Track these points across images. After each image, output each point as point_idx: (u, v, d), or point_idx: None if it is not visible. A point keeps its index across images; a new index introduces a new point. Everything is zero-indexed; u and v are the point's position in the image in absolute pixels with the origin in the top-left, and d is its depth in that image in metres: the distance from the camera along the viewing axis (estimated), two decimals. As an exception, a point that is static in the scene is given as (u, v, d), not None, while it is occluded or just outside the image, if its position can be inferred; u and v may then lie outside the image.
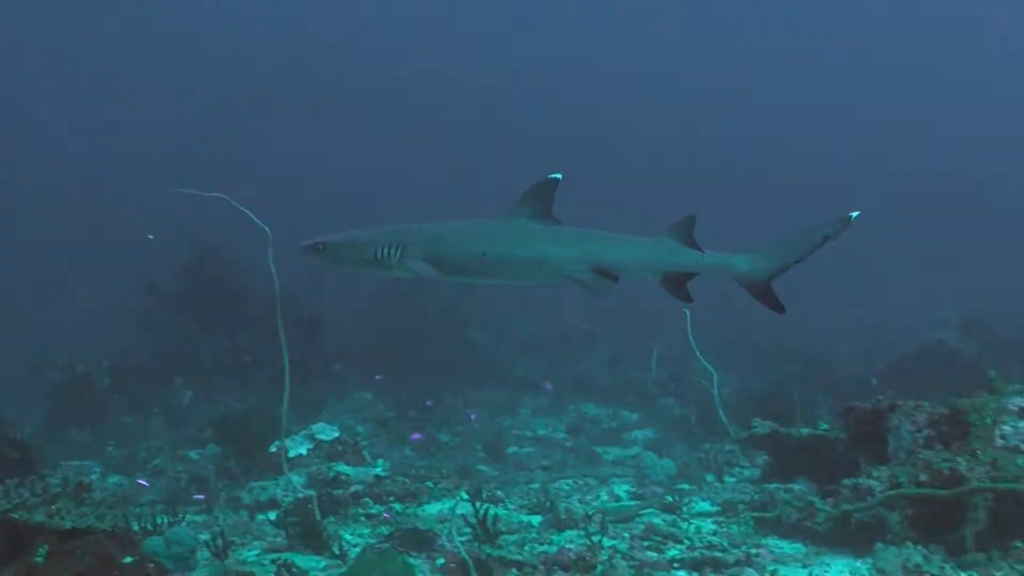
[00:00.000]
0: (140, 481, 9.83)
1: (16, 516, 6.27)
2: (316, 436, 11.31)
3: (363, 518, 9.03)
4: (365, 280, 20.23)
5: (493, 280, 7.53)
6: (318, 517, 8.06)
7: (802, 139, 56.53)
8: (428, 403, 15.56)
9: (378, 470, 10.85)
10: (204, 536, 8.01)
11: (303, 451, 11.13)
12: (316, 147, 54.54)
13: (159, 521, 8.30)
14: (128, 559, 5.83)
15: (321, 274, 7.68)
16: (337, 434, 11.44)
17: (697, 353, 11.38)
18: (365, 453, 11.14)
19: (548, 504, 8.99)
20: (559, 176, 7.24)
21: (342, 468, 10.47)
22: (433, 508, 9.42)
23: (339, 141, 55.78)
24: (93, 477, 12.07)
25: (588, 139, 56.38)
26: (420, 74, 59.50)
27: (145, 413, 14.79)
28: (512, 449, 14.01)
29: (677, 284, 7.48)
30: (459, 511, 8.42)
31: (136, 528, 7.90)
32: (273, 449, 10.89)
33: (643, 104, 58.84)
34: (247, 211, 7.65)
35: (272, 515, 8.92)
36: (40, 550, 5.77)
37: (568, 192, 7.36)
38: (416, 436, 13.37)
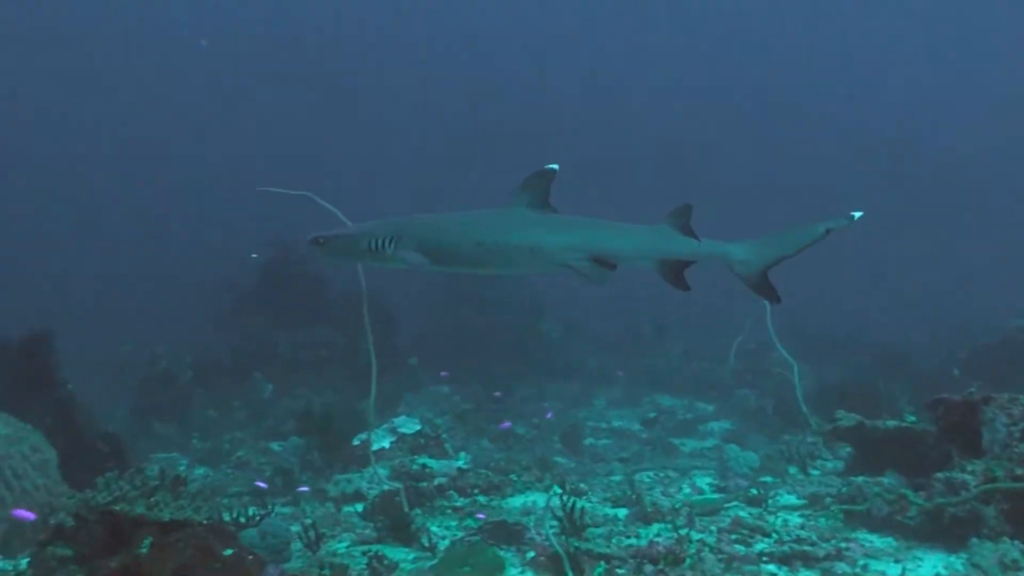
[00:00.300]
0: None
1: (117, 508, 6.42)
2: (398, 429, 11.42)
3: (449, 510, 9.08)
4: (438, 275, 20.42)
5: (489, 269, 7.53)
6: (406, 509, 8.13)
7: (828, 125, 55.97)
8: (496, 394, 15.60)
9: (460, 463, 10.92)
10: (294, 527, 8.14)
11: (386, 444, 11.25)
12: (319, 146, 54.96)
13: (251, 513, 8.41)
14: (228, 551, 5.92)
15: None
16: (419, 427, 11.54)
17: (778, 344, 11.30)
18: (447, 446, 11.22)
19: (634, 497, 8.98)
20: (555, 167, 7.30)
21: (425, 461, 10.56)
22: (517, 501, 9.45)
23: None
24: (180, 469, 12.31)
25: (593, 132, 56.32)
26: (420, 69, 59.83)
27: (227, 406, 15.02)
28: (589, 441, 14.02)
29: (674, 272, 7.51)
30: (543, 505, 8.46)
31: (228, 519, 8.01)
32: (356, 442, 11.01)
33: (645, 99, 58.70)
34: (333, 208, 7.73)
35: (359, 507, 9.03)
36: (145, 542, 5.89)
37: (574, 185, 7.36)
38: (506, 425, 13.42)
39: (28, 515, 6.35)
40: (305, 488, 10.11)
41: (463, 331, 19.24)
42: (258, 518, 8.17)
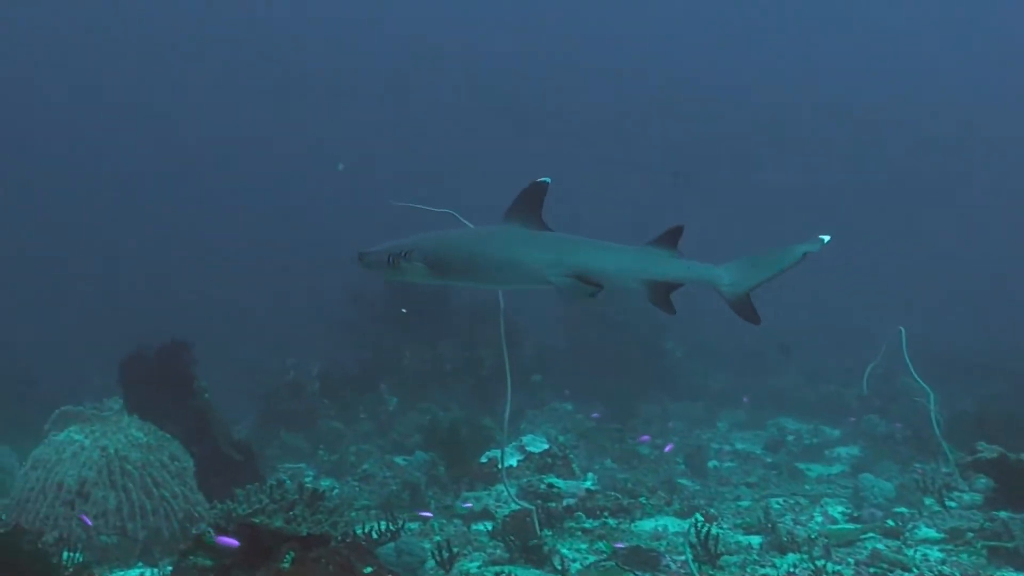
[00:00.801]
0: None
1: (256, 521, 6.52)
2: (526, 448, 11.39)
3: (579, 532, 9.00)
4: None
5: (483, 283, 7.47)
6: (538, 531, 8.08)
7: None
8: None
9: (588, 484, 10.81)
10: (425, 545, 8.16)
11: (513, 462, 11.22)
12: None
13: (382, 528, 8.43)
14: (368, 569, 5.96)
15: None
16: (546, 446, 11.48)
17: (912, 371, 10.98)
18: (574, 466, 11.13)
19: (769, 525, 8.79)
20: (548, 180, 7.18)
21: (553, 480, 10.49)
22: (647, 524, 9.32)
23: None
24: (307, 480, 12.48)
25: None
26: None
27: (352, 418, 15.17)
28: (713, 463, 13.81)
29: (660, 295, 7.19)
30: (673, 529, 8.34)
31: (359, 534, 8.05)
32: (484, 460, 11.00)
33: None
34: (468, 223, 7.74)
35: (488, 526, 9.01)
36: (287, 556, 5.95)
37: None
38: (645, 438, 13.31)
39: (232, 542, 6.48)
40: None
41: (585, 349, 19.17)
42: (389, 534, 8.22)
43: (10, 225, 42.21)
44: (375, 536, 8.18)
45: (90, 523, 8.17)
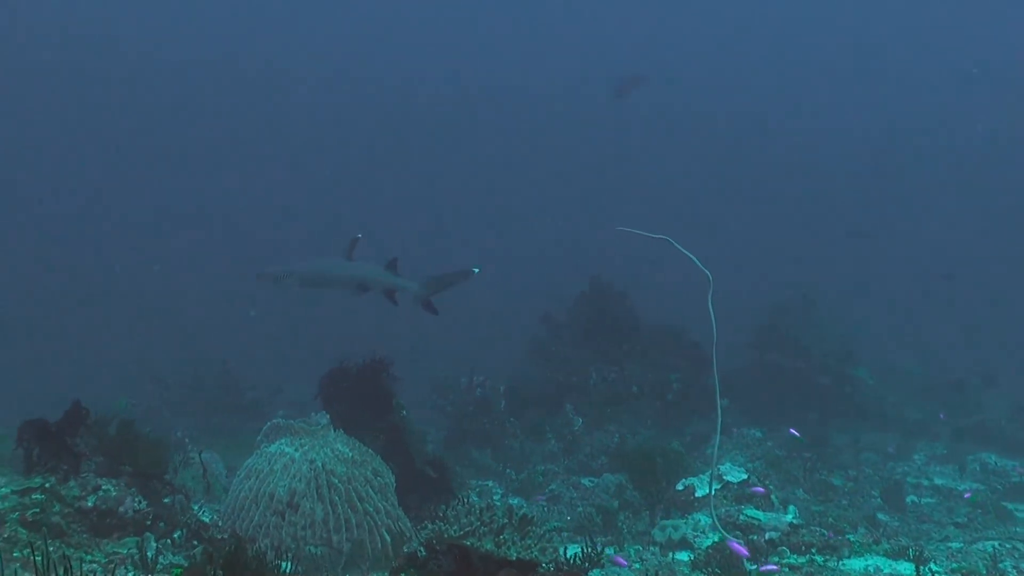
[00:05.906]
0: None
1: (467, 543, 6.52)
2: (724, 477, 11.13)
3: (786, 568, 8.71)
4: (741, 315, 20.28)
5: (329, 289, 13.38)
6: (745, 565, 7.87)
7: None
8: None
9: (789, 517, 10.47)
10: (628, 573, 8.03)
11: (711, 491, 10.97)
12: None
13: (582, 553, 8.31)
14: (583, 598, 5.88)
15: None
16: (745, 476, 11.19)
17: None
18: (774, 498, 10.81)
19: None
20: (359, 235, 12.30)
21: (752, 512, 10.20)
22: (856, 564, 8.95)
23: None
24: (496, 498, 12.52)
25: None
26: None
27: (539, 438, 15.12)
28: (911, 498, 13.28)
29: (390, 296, 12.28)
30: (886, 571, 8.02)
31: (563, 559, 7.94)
32: (680, 487, 10.79)
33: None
34: (690, 254, 7.61)
35: (686, 555, 8.82)
36: (501, 580, 5.93)
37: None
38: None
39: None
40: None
41: (774, 374, 18.70)
42: (588, 562, 8.11)
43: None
44: (578, 562, 8.07)
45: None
